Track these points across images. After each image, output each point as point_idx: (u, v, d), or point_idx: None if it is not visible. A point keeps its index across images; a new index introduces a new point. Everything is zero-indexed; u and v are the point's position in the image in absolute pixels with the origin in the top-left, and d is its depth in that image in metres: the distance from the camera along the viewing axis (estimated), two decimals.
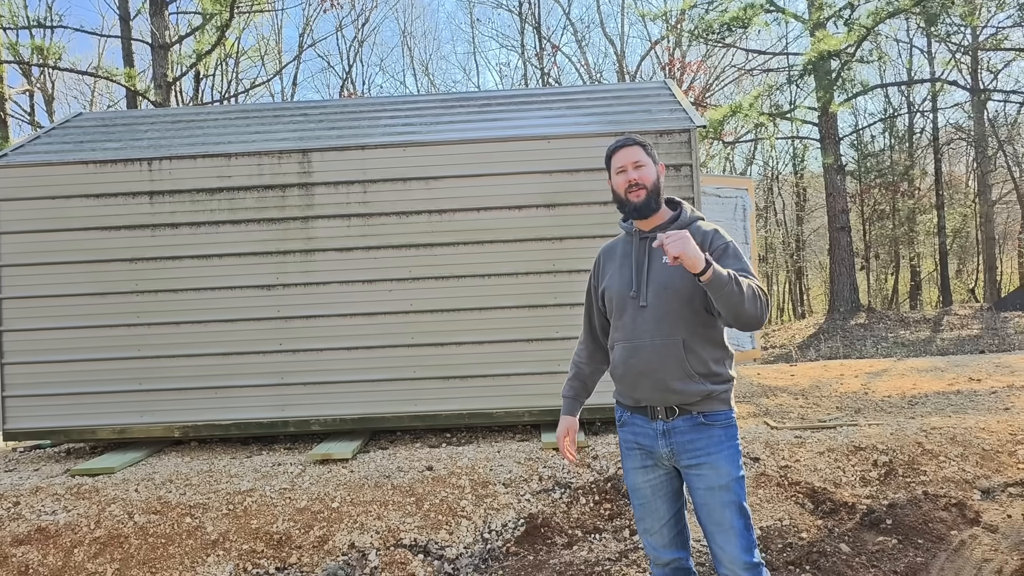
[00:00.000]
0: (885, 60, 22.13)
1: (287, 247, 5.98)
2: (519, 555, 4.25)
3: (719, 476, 2.59)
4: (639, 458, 2.75)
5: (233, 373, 5.97)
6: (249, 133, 6.43)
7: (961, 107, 24.76)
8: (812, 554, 3.96)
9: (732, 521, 2.58)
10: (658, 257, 2.66)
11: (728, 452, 2.61)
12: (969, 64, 22.45)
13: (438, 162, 5.96)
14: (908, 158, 25.78)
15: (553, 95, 7.23)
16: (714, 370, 2.62)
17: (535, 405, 5.91)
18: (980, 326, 15.02)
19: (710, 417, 2.62)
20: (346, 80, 27.31)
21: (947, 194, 25.06)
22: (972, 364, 8.46)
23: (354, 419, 5.96)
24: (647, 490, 2.76)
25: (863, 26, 16.57)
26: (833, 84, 17.55)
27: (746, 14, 17.69)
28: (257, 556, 4.38)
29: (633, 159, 2.71)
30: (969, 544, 4.01)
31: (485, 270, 5.93)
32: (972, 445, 5.11)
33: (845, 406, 6.68)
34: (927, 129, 25.81)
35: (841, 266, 19.14)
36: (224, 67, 23.54)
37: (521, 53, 27.48)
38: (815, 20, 18.19)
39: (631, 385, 2.70)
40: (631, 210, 2.72)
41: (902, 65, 25.99)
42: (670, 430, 2.64)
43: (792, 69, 20.79)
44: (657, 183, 2.71)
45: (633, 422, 2.75)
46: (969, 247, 28.20)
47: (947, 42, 21.71)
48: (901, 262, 27.00)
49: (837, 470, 4.92)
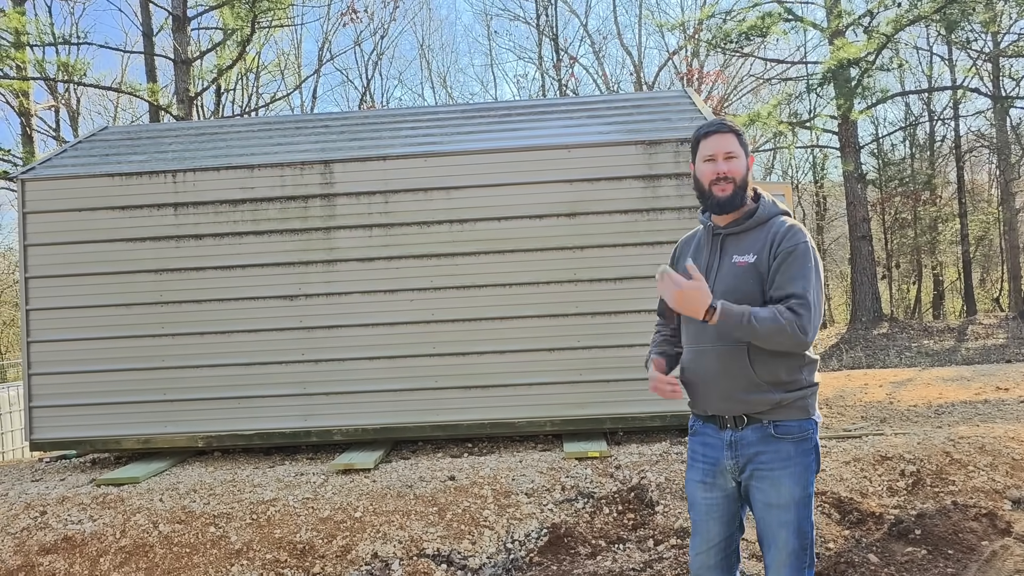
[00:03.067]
0: (905, 68, 21.99)
1: (309, 257, 6.01)
2: (542, 565, 4.23)
3: (779, 495, 2.43)
4: (701, 472, 2.60)
5: (256, 383, 6.00)
6: (271, 145, 6.48)
7: (983, 114, 24.51)
8: (840, 564, 3.90)
9: (787, 541, 2.44)
10: (728, 256, 2.51)
11: (795, 469, 2.43)
12: (991, 71, 22.24)
13: (459, 172, 5.98)
14: (930, 166, 25.55)
15: (573, 105, 7.25)
16: (785, 379, 2.42)
17: (557, 415, 5.90)
18: (1006, 335, 14.82)
19: (780, 428, 2.44)
20: (365, 93, 27.49)
21: (970, 202, 24.79)
22: (999, 373, 8.35)
23: (376, 429, 5.97)
24: (703, 508, 2.61)
25: (883, 34, 16.48)
26: (853, 92, 17.44)
27: (764, 23, 17.65)
28: (280, 565, 4.38)
29: (726, 149, 2.51)
30: (1000, 555, 3.93)
31: (506, 279, 5.94)
32: (1001, 454, 5.03)
33: (870, 415, 6.61)
34: (948, 137, 25.58)
35: (863, 275, 18.96)
36: (245, 81, 23.80)
37: (539, 65, 27.53)
38: (834, 28, 18.12)
39: (697, 393, 2.56)
40: (713, 204, 2.53)
41: (922, 73, 25.77)
42: (737, 441, 2.48)
43: (811, 77, 20.70)
44: (746, 178, 2.52)
45: (704, 432, 2.59)
46: (993, 256, 27.85)
47: (968, 49, 21.53)
48: (923, 271, 26.71)
49: (864, 480, 4.86)
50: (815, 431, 2.49)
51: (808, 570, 2.50)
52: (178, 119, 15.13)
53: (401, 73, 43.90)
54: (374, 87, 30.02)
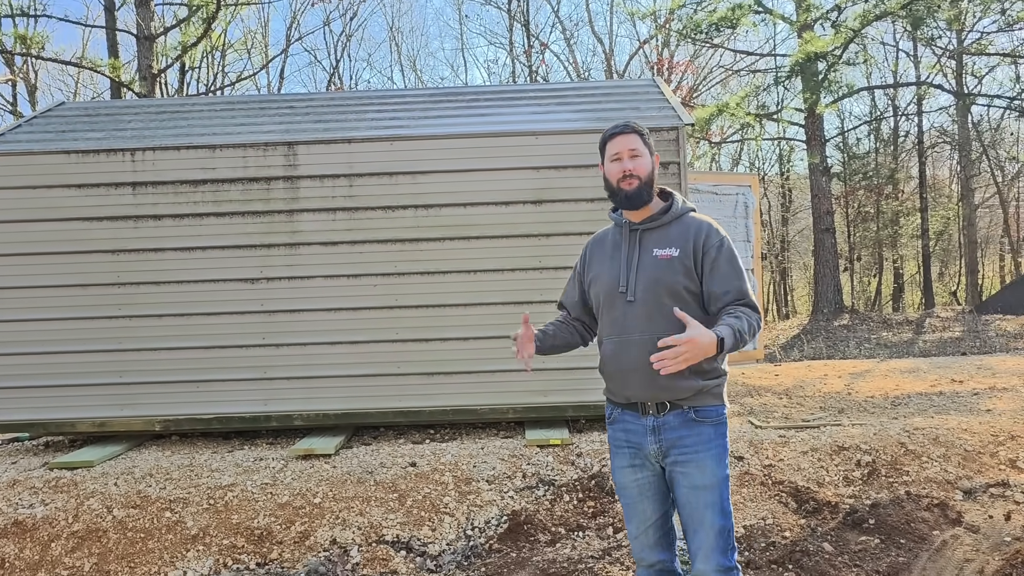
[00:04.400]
0: (871, 63, 22.25)
1: (272, 240, 5.92)
2: (502, 552, 4.23)
3: (703, 476, 2.54)
4: (628, 457, 2.69)
5: (215, 367, 5.91)
6: (235, 125, 6.37)
7: (946, 111, 24.95)
8: (795, 553, 3.96)
9: (713, 521, 2.54)
10: (648, 250, 2.62)
11: (715, 451, 2.57)
12: (954, 68, 22.61)
13: (425, 156, 5.92)
14: (893, 161, 25.95)
15: (542, 91, 7.21)
16: (706, 367, 2.55)
17: (519, 402, 5.89)
18: (962, 328, 15.13)
19: (701, 412, 2.57)
20: (333, 75, 27.17)
21: (931, 197, 25.24)
22: (954, 366, 8.52)
23: (337, 414, 5.92)
24: (634, 490, 2.70)
25: (850, 28, 16.64)
26: (820, 86, 17.61)
27: (734, 15, 17.72)
28: (238, 551, 4.34)
29: (630, 147, 2.66)
30: (951, 544, 4.02)
31: (471, 266, 5.90)
32: (954, 446, 5.14)
33: (828, 406, 6.71)
34: (912, 132, 25.98)
35: (825, 267, 19.23)
36: (210, 60, 23.33)
37: (509, 50, 27.43)
38: (802, 22, 18.26)
39: (621, 382, 2.64)
40: (622, 200, 2.65)
41: (888, 68, 26.15)
42: (660, 426, 2.58)
43: (779, 70, 20.86)
44: (652, 174, 2.67)
45: (623, 419, 2.69)
46: (952, 250, 28.42)
47: (933, 46, 21.84)
48: (884, 264, 27.17)
49: (820, 469, 4.93)
50: (726, 417, 2.65)
51: (732, 552, 2.59)
52: (140, 96, 14.79)
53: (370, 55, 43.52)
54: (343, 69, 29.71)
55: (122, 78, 15.83)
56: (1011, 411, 5.96)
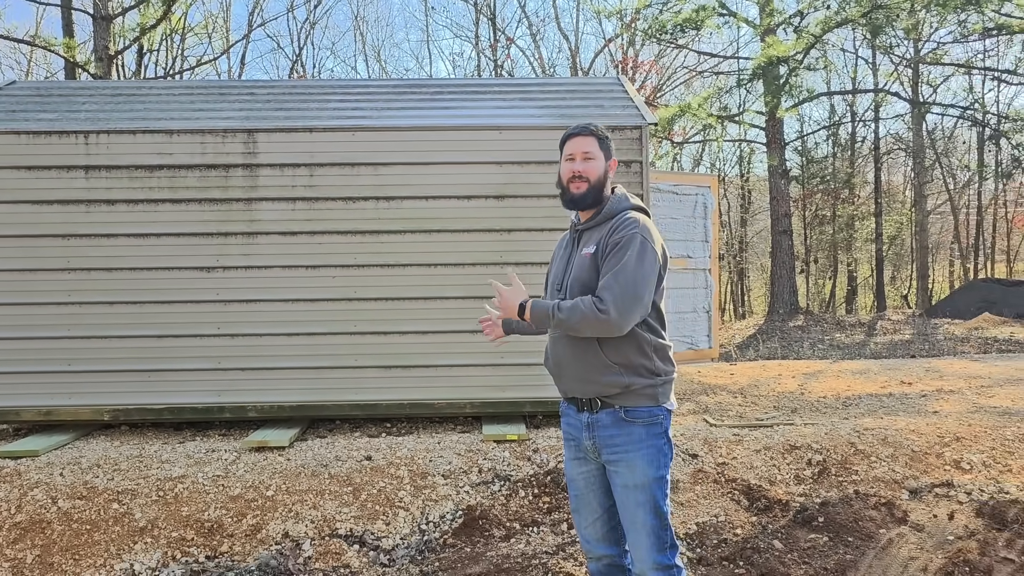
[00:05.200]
0: (831, 69, 22.58)
1: (229, 229, 5.83)
2: (456, 547, 4.22)
3: (634, 475, 2.57)
4: (573, 449, 2.76)
5: (168, 356, 5.80)
6: (193, 110, 6.24)
7: (901, 118, 25.47)
8: (746, 550, 4.01)
9: (645, 521, 2.57)
10: (579, 249, 2.71)
11: (647, 451, 2.57)
12: (910, 77, 23.11)
13: (388, 148, 5.87)
14: (850, 165, 26.45)
15: (506, 86, 7.19)
16: (635, 362, 2.56)
17: (477, 397, 5.88)
18: (912, 332, 15.48)
19: (631, 413, 2.58)
20: (296, 62, 26.78)
21: (885, 202, 25.76)
22: (904, 368, 8.70)
23: (293, 406, 5.85)
24: (581, 482, 2.75)
25: (812, 34, 16.89)
26: (781, 89, 17.84)
27: (698, 16, 17.87)
28: (187, 544, 4.26)
29: (584, 149, 2.70)
30: (896, 542, 4.11)
31: (432, 259, 5.87)
32: (902, 446, 5.25)
33: (782, 405, 6.81)
34: (869, 138, 26.51)
35: (782, 269, 19.52)
36: (169, 43, 22.83)
37: (475, 44, 27.29)
38: (766, 26, 18.48)
39: (556, 375, 2.74)
40: (567, 200, 2.73)
41: (847, 75, 26.59)
42: (593, 423, 2.63)
43: (742, 73, 21.11)
44: (602, 179, 2.70)
45: (568, 413, 2.77)
46: (904, 255, 29.05)
47: (890, 54, 22.29)
48: (839, 267, 27.67)
49: (773, 468, 5.01)
50: (667, 419, 2.64)
51: (671, 551, 2.62)
52: (96, 78, 14.44)
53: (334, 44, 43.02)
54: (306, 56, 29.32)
55: (77, 58, 15.42)
56: (957, 413, 6.11)
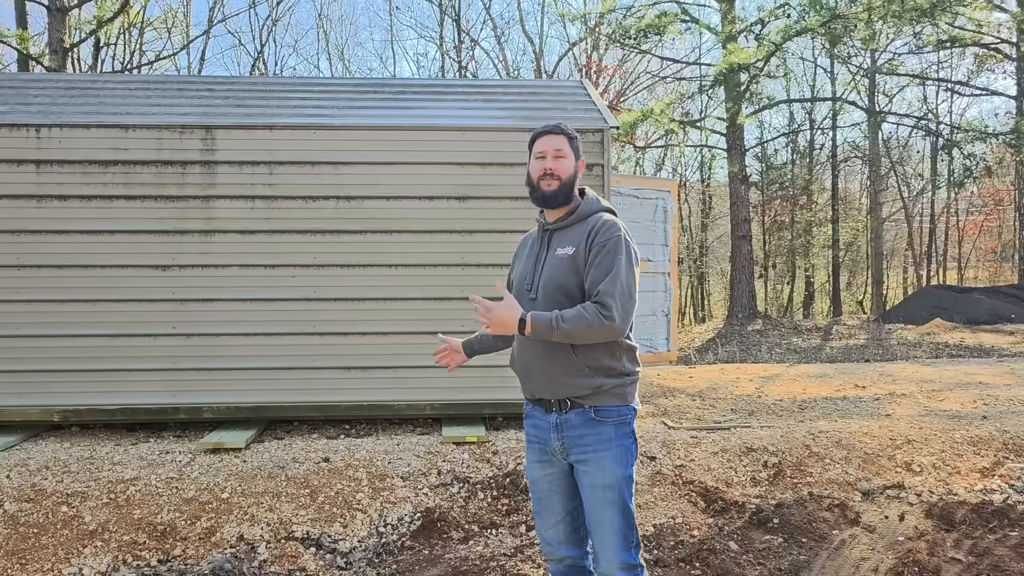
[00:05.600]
0: (791, 77, 23.00)
1: (185, 227, 5.73)
2: (414, 549, 4.20)
3: (603, 475, 2.58)
4: (538, 452, 2.75)
5: (121, 356, 5.69)
6: (150, 105, 6.13)
7: (858, 127, 25.96)
8: (702, 551, 4.05)
9: (612, 520, 2.57)
10: (552, 250, 2.68)
11: (616, 451, 2.59)
12: (867, 87, 23.59)
13: (349, 147, 5.83)
14: (808, 173, 26.89)
15: (470, 87, 7.19)
16: (605, 364, 2.58)
17: (437, 399, 5.86)
18: (866, 336, 15.78)
19: (601, 412, 2.59)
20: (258, 59, 26.44)
21: (842, 209, 26.26)
22: (858, 372, 8.86)
23: (249, 407, 5.77)
24: (544, 485, 2.75)
25: (772, 42, 17.16)
26: (742, 96, 18.11)
27: (661, 22, 18.06)
28: (138, 548, 4.17)
29: (555, 147, 2.69)
30: (849, 543, 4.18)
31: (393, 260, 5.84)
32: (855, 449, 5.34)
33: (739, 408, 6.89)
34: (826, 146, 26.99)
35: (741, 273, 19.78)
36: (127, 37, 22.42)
37: (439, 45, 27.22)
38: (727, 33, 18.72)
39: (525, 378, 2.72)
40: (538, 198, 2.70)
41: (806, 83, 27.06)
42: (562, 423, 2.63)
43: (704, 79, 21.37)
44: (572, 177, 2.70)
45: (534, 415, 2.75)
46: (860, 261, 29.58)
47: (848, 64, 22.74)
48: (797, 272, 28.11)
49: (729, 470, 5.06)
50: (633, 418, 2.67)
51: (635, 550, 2.63)
52: (51, 71, 14.13)
53: (297, 41, 42.57)
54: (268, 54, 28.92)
55: (30, 50, 15.08)
56: (908, 416, 6.24)
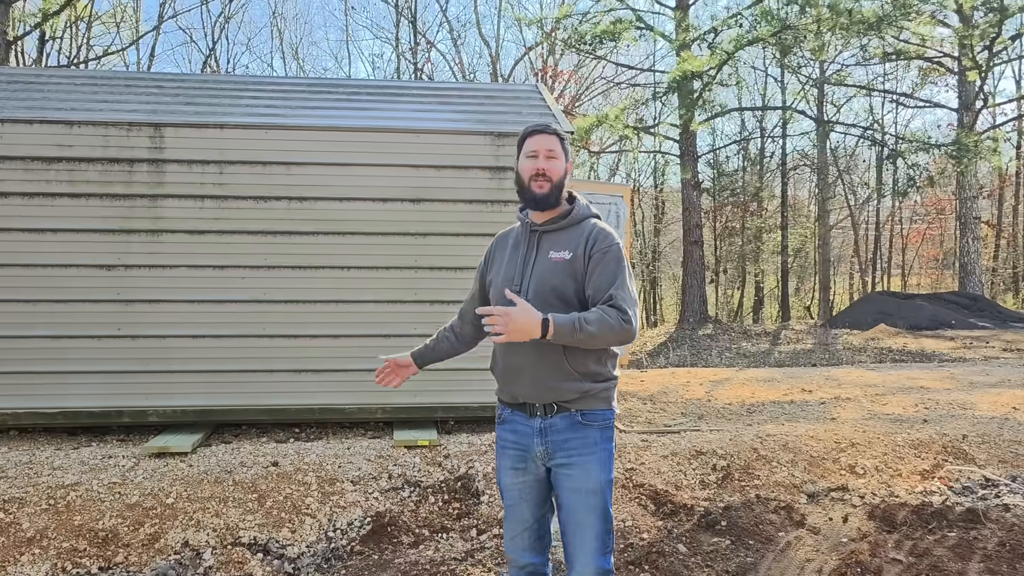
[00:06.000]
0: (743, 85, 23.41)
1: (132, 226, 5.61)
2: (364, 554, 4.16)
3: (587, 479, 2.56)
4: (512, 458, 2.70)
5: (63, 358, 5.54)
6: (96, 101, 5.99)
7: (807, 136, 26.61)
8: (651, 554, 4.08)
9: (594, 524, 2.56)
10: (544, 251, 2.63)
11: (600, 455, 2.59)
12: (816, 96, 24.13)
13: (302, 148, 5.76)
14: (758, 180, 27.40)
15: (425, 89, 7.17)
16: (593, 369, 2.57)
17: (389, 402, 5.83)
18: (813, 341, 16.11)
19: (588, 416, 2.58)
20: (209, 57, 26.02)
21: (791, 216, 26.80)
22: (805, 376, 9.04)
23: (196, 411, 5.66)
24: (515, 492, 2.71)
25: (725, 51, 17.44)
26: (695, 103, 18.36)
27: (616, 28, 18.23)
28: (79, 555, 4.07)
29: (547, 148, 2.62)
30: (794, 545, 4.26)
31: (345, 262, 5.79)
32: (801, 452, 5.45)
33: (690, 412, 6.97)
34: (776, 154, 27.54)
35: (693, 278, 20.05)
36: (74, 30, 21.88)
37: (395, 46, 27.10)
38: (681, 41, 18.97)
39: (510, 381, 2.66)
40: (530, 200, 2.63)
41: (757, 92, 27.59)
42: (547, 428, 2.59)
43: (658, 86, 21.61)
44: (563, 179, 2.64)
45: (513, 420, 2.69)
46: (808, 267, 30.23)
47: (798, 74, 23.23)
48: (747, 277, 28.61)
49: (679, 473, 5.12)
50: (613, 421, 2.67)
51: (610, 555, 2.64)
52: None
53: (250, 39, 41.86)
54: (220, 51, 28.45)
55: None
56: (853, 420, 6.39)
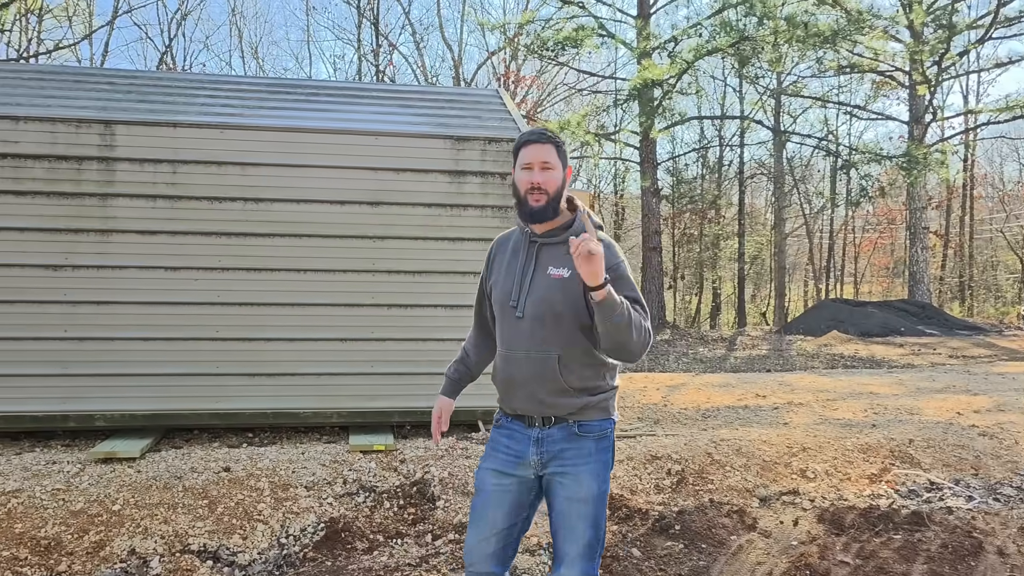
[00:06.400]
0: (702, 94, 23.69)
1: (81, 225, 5.47)
2: (317, 561, 4.10)
3: (580, 489, 2.54)
4: (500, 462, 2.65)
5: (6, 360, 5.38)
6: (44, 96, 5.83)
7: (764, 145, 27.04)
8: (606, 559, 4.08)
9: (584, 532, 2.54)
10: (543, 266, 2.55)
11: (594, 466, 2.56)
12: (773, 107, 24.54)
13: (258, 148, 5.68)
14: (716, 188, 27.75)
15: (385, 92, 7.12)
16: (591, 384, 2.56)
17: (345, 406, 5.76)
18: (768, 347, 16.35)
19: (584, 427, 2.56)
20: (165, 54, 25.59)
21: (748, 224, 27.20)
22: (759, 382, 9.16)
23: (146, 415, 5.54)
24: (493, 494, 2.65)
25: (685, 60, 17.65)
26: (655, 111, 18.53)
27: (578, 35, 18.35)
28: (19, 564, 3.94)
29: (543, 159, 2.51)
30: (746, 548, 4.30)
31: (301, 264, 5.72)
32: (754, 456, 5.51)
33: (646, 416, 7.02)
34: (734, 162, 27.94)
35: (651, 284, 20.22)
36: (24, 24, 21.36)
37: (357, 48, 26.94)
38: (642, 49, 19.15)
39: (508, 394, 2.63)
40: (526, 214, 2.54)
41: (716, 101, 27.96)
42: (544, 438, 2.57)
43: (619, 93, 21.77)
44: (560, 190, 2.54)
45: (511, 427, 2.65)
46: (764, 274, 30.72)
47: (756, 85, 23.60)
48: (705, 284, 28.95)
49: (634, 478, 5.14)
50: (613, 429, 2.63)
51: (597, 560, 2.61)
52: None
53: (208, 37, 41.38)
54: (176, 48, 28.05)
55: None
56: (804, 425, 6.48)
